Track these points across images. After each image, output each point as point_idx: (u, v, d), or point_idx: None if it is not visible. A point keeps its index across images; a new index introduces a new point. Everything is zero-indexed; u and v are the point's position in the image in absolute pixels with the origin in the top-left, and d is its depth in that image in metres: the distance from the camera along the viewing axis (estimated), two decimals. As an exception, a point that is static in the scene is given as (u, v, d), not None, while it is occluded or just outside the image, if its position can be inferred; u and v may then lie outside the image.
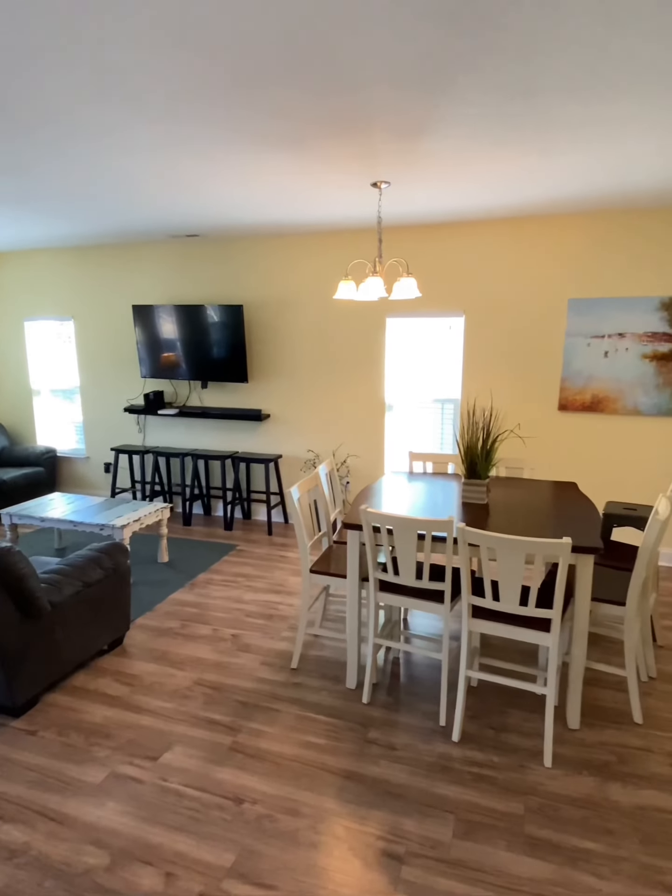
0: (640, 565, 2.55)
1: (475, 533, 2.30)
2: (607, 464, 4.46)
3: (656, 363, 4.21)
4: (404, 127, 2.41)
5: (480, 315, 4.57)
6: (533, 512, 2.89)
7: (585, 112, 2.23)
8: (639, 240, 4.12)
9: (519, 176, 3.13)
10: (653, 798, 2.22)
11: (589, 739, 2.54)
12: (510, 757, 2.44)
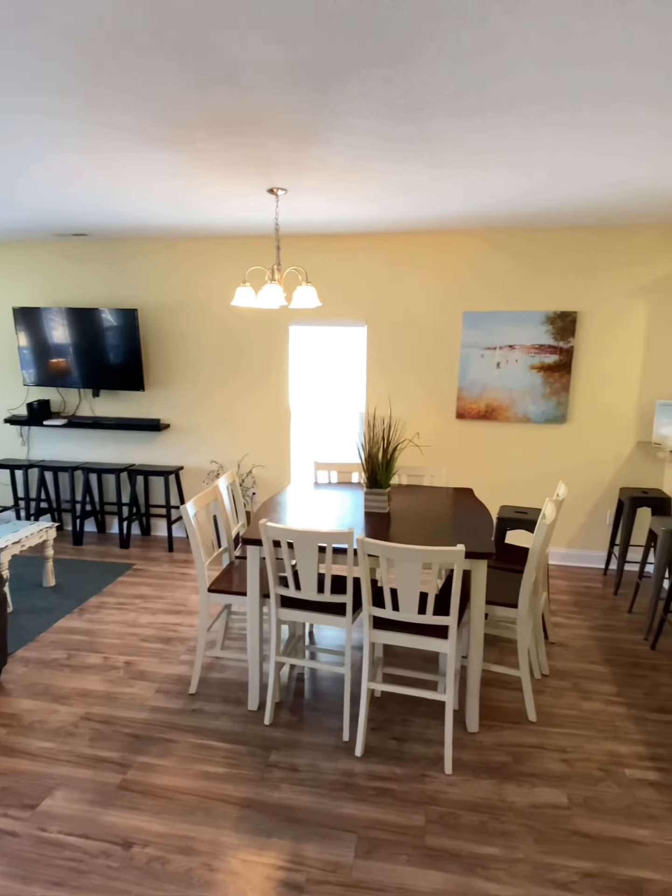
0: (530, 567, 2.65)
1: (373, 544, 2.28)
2: (501, 469, 4.66)
3: (543, 374, 4.46)
4: (296, 134, 2.37)
5: (382, 325, 4.63)
6: (431, 519, 2.94)
7: (469, 130, 2.30)
8: (526, 257, 4.36)
9: (412, 190, 3.20)
10: (546, 795, 2.29)
11: (487, 742, 2.59)
12: (412, 767, 2.43)
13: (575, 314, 4.32)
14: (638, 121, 2.22)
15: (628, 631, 3.61)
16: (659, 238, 4.18)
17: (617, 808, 2.22)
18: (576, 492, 4.62)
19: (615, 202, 3.46)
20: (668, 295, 4.24)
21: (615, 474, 4.54)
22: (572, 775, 2.39)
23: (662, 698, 2.91)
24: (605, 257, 4.27)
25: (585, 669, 3.16)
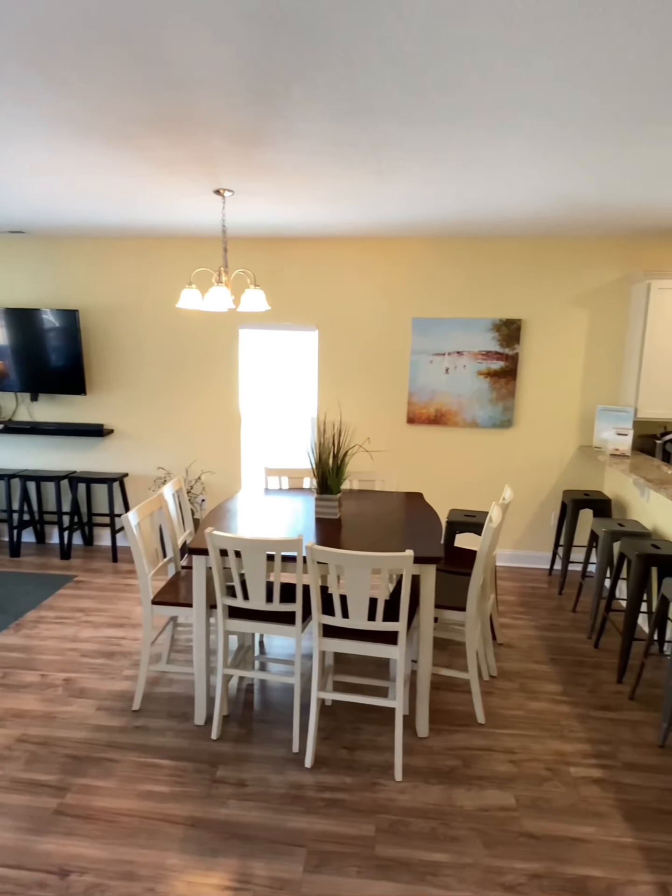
0: (478, 570, 2.68)
1: (322, 551, 2.25)
2: (451, 473, 4.73)
3: (490, 380, 4.54)
4: (241, 135, 2.33)
5: (333, 330, 4.63)
6: (382, 524, 2.93)
7: (416, 136, 2.31)
8: (472, 265, 4.44)
9: (360, 196, 3.20)
10: (494, 798, 2.31)
11: (437, 746, 2.60)
12: (362, 776, 2.41)
13: (519, 322, 4.43)
14: (575, 138, 2.28)
15: (573, 630, 3.71)
16: (599, 249, 4.34)
17: (562, 807, 2.26)
18: (522, 494, 4.73)
19: (557, 214, 3.57)
20: (607, 304, 4.40)
21: (559, 477, 4.67)
22: (520, 776, 2.42)
23: (605, 696, 3.00)
24: (547, 267, 4.39)
25: (532, 669, 3.22)
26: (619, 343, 4.45)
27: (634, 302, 4.28)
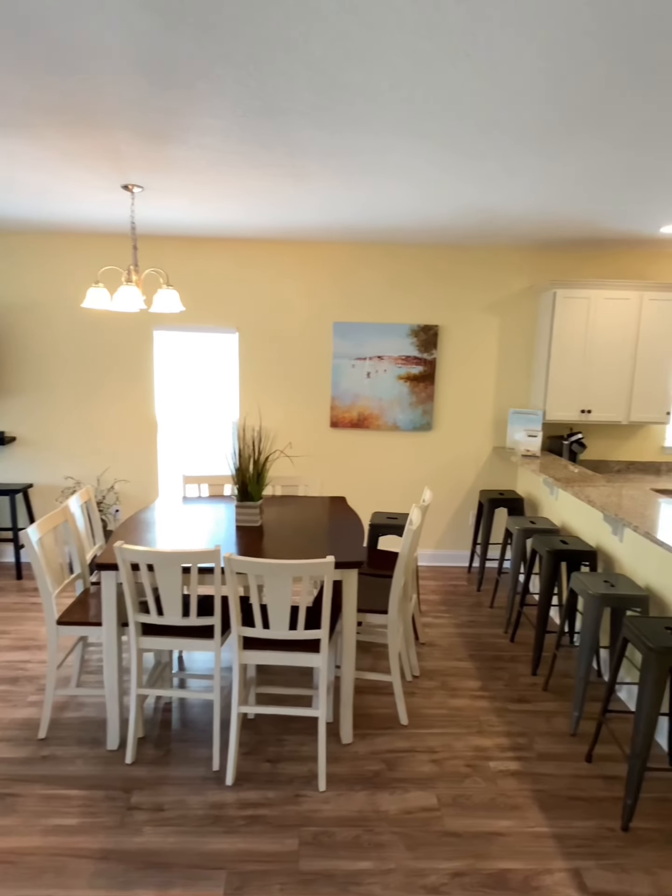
0: (399, 573, 2.70)
1: (241, 561, 2.19)
2: (373, 476, 4.77)
3: (410, 384, 4.63)
4: (148, 129, 2.22)
5: (254, 333, 4.55)
6: (304, 530, 2.90)
7: (328, 140, 2.30)
8: (391, 271, 4.51)
9: (278, 198, 3.16)
10: (417, 799, 2.32)
11: (361, 752, 2.59)
12: (285, 789, 2.36)
13: (436, 327, 4.54)
14: (482, 149, 2.35)
15: (491, 625, 3.83)
16: (509, 259, 4.52)
17: (482, 803, 2.31)
18: (442, 495, 4.84)
19: (469, 223, 3.68)
20: (517, 311, 4.59)
21: (476, 478, 4.83)
22: (441, 775, 2.45)
23: (521, 688, 3.11)
24: (462, 274, 4.53)
25: (453, 667, 3.29)
26: (529, 349, 4.66)
27: (542, 309, 4.50)
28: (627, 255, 4.55)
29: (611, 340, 4.30)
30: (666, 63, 1.66)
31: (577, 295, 4.23)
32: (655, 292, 4.24)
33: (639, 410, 4.39)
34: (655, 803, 2.31)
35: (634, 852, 2.08)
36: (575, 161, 2.49)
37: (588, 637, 2.68)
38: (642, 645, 2.17)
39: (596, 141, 2.26)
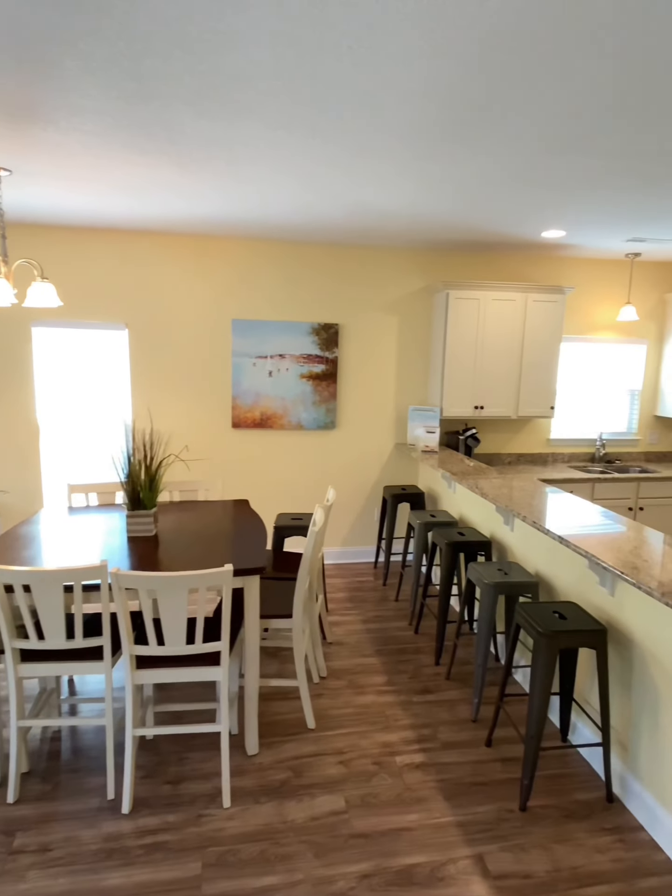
0: (303, 575, 2.66)
1: (130, 576, 2.05)
2: (278, 477, 4.70)
3: (313, 382, 4.60)
4: (11, 107, 2.01)
5: (146, 329, 4.32)
6: (203, 538, 2.78)
7: (213, 129, 2.20)
8: (291, 268, 4.45)
9: (166, 188, 3.00)
10: (325, 804, 2.29)
11: (267, 761, 2.52)
12: (187, 810, 2.25)
13: (337, 326, 4.54)
14: (372, 149, 2.35)
15: (396, 619, 3.89)
16: (405, 259, 4.61)
17: (389, 799, 2.32)
18: (347, 493, 4.87)
19: (364, 223, 3.70)
20: (414, 311, 4.70)
21: (380, 474, 4.89)
22: (349, 776, 2.44)
23: (425, 679, 3.17)
24: (361, 274, 4.56)
25: (360, 664, 3.30)
26: (426, 347, 4.78)
27: (436, 309, 4.63)
28: (513, 257, 4.79)
29: (500, 340, 4.51)
30: (532, 78, 1.72)
31: (467, 296, 4.39)
32: (538, 294, 4.49)
33: (526, 406, 4.64)
34: (550, 780, 2.44)
35: (532, 830, 2.18)
36: (458, 166, 2.55)
37: (485, 625, 2.78)
38: (533, 630, 2.27)
39: (476, 148, 2.32)
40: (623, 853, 2.08)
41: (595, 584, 2.52)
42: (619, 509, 4.59)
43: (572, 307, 4.94)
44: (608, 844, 2.11)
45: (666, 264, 5.02)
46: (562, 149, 2.35)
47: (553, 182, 2.78)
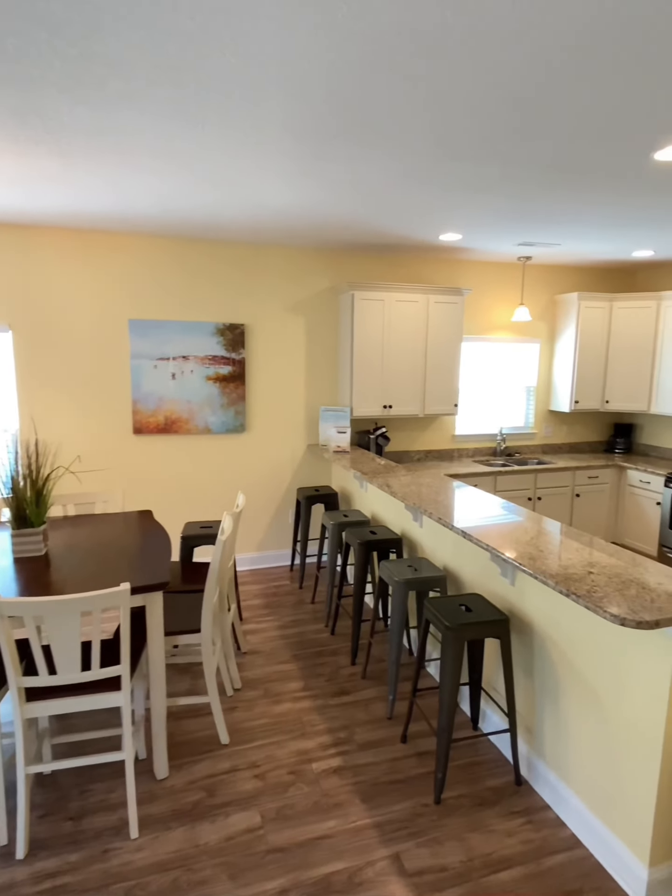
0: (210, 587, 2.56)
1: (12, 603, 1.87)
2: (185, 484, 4.54)
3: (220, 384, 4.47)
4: None
5: (33, 331, 4.02)
6: (100, 555, 2.61)
7: (92, 117, 2.06)
8: (193, 267, 4.30)
9: (50, 179, 2.79)
10: (239, 822, 2.22)
11: (179, 784, 2.41)
12: (91, 847, 2.10)
13: (243, 326, 4.45)
14: (267, 143, 2.30)
15: (312, 622, 3.87)
16: (311, 259, 4.59)
17: (306, 809, 2.28)
18: (261, 497, 4.78)
19: (268, 222, 3.63)
20: (321, 312, 4.69)
21: (293, 476, 4.85)
22: (265, 789, 2.38)
23: (342, 681, 3.17)
24: (267, 273, 4.49)
25: (276, 672, 3.24)
26: (334, 348, 4.79)
27: (342, 310, 4.65)
28: (415, 259, 4.90)
29: (405, 340, 4.60)
30: (426, 83, 1.74)
31: (372, 297, 4.44)
32: (439, 295, 4.62)
33: (432, 404, 4.77)
34: (463, 769, 2.50)
35: (447, 822, 2.22)
36: (356, 167, 2.55)
37: (397, 622, 2.81)
38: (440, 624, 2.31)
39: (372, 150, 2.33)
40: (532, 834, 2.16)
41: (497, 574, 2.61)
42: (520, 500, 4.82)
43: (471, 308, 5.13)
44: (517, 827, 2.19)
45: (554, 267, 5.33)
46: (457, 155, 2.40)
47: (449, 187, 2.85)
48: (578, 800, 2.15)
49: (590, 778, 2.09)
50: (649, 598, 1.74)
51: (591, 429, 5.71)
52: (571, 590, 1.81)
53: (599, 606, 1.69)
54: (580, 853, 2.07)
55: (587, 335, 5.13)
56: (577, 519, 5.05)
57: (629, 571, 1.99)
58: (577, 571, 1.98)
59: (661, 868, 1.87)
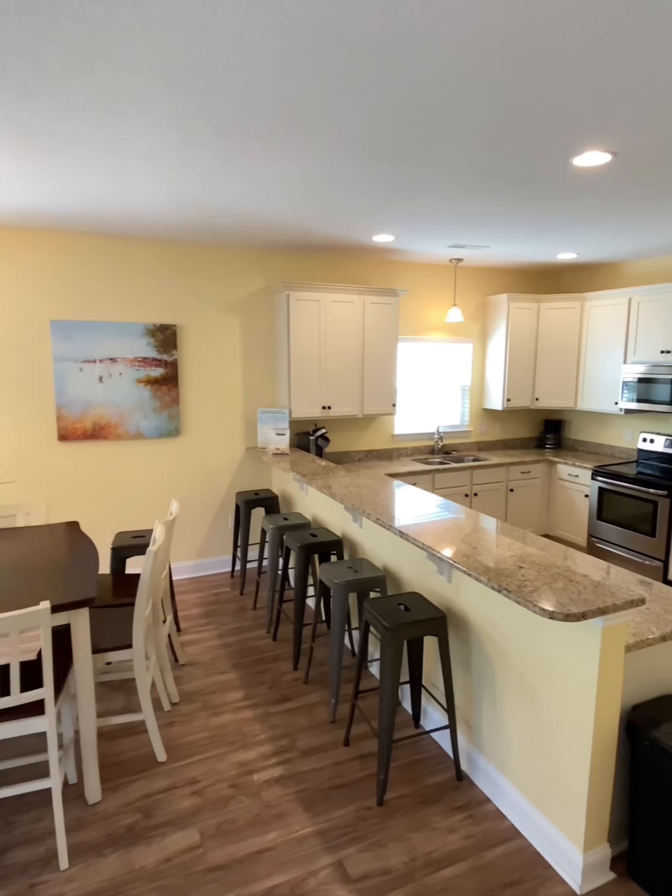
0: (141, 599, 2.45)
1: None
2: (116, 493, 4.36)
3: (151, 387, 4.33)
4: None
5: (-55, 336, 3.76)
6: (20, 571, 2.45)
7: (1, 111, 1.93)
8: (121, 265, 4.13)
9: (-48, 172, 2.61)
10: (177, 841, 2.14)
11: (112, 807, 2.30)
12: (16, 882, 1.96)
13: (174, 327, 4.32)
14: (190, 139, 2.22)
15: (254, 628, 3.79)
16: (244, 259, 4.51)
17: (247, 822, 2.22)
18: (199, 502, 4.66)
19: (194, 220, 3.53)
20: (256, 312, 4.62)
21: (232, 480, 4.75)
22: (204, 806, 2.30)
23: (284, 687, 3.11)
24: (198, 272, 4.38)
25: (216, 682, 3.16)
26: (271, 348, 4.73)
27: (278, 310, 4.60)
28: (350, 260, 4.91)
29: (342, 340, 4.59)
30: (351, 84, 1.72)
31: (308, 297, 4.41)
32: (374, 296, 4.65)
33: (370, 404, 4.79)
34: (405, 769, 2.50)
35: (389, 824, 2.21)
36: (284, 166, 2.51)
37: (338, 624, 2.79)
38: (379, 625, 2.30)
39: (299, 151, 2.30)
40: (473, 828, 2.18)
41: (435, 572, 2.63)
42: (457, 496, 4.91)
43: (407, 309, 5.19)
44: (459, 823, 2.21)
45: (485, 269, 5.47)
46: (384, 157, 2.40)
47: (378, 188, 2.85)
48: (517, 791, 2.19)
49: (526, 769, 2.13)
50: (576, 591, 1.79)
51: (523, 425, 5.90)
52: (503, 585, 1.84)
53: (529, 601, 1.72)
54: (519, 843, 2.11)
55: (517, 335, 5.29)
56: (511, 513, 5.20)
57: (558, 565, 2.04)
58: (508, 567, 2.02)
59: (595, 852, 1.92)
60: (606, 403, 4.98)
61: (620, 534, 4.57)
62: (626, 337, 4.75)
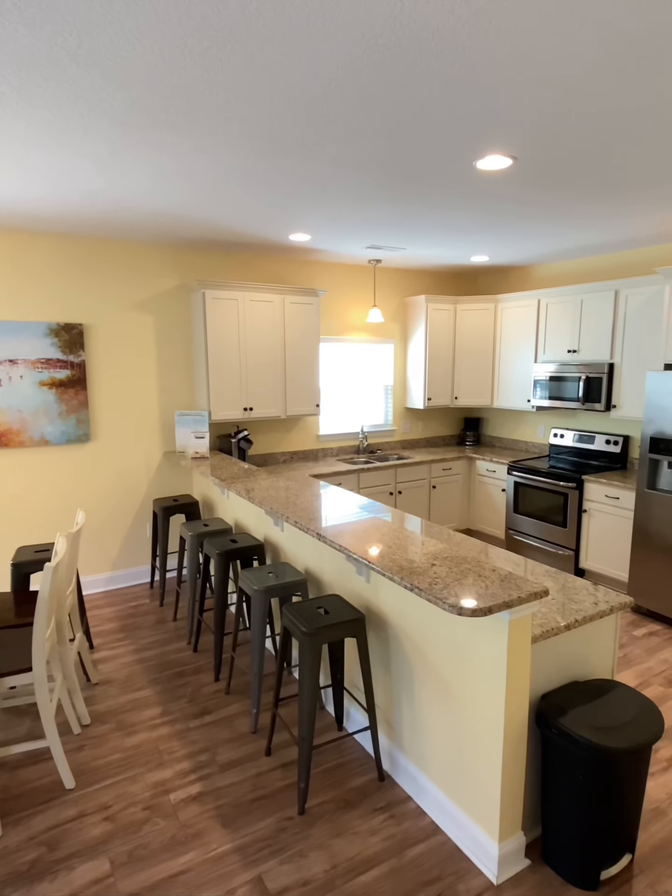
0: (41, 618, 2.28)
1: None
2: (19, 504, 4.08)
3: (56, 390, 4.08)
4: None
5: None
6: None
7: None
8: (19, 261, 3.87)
9: None
10: (85, 873, 2.00)
11: (13, 843, 2.12)
12: None
13: (81, 326, 4.09)
14: (83, 128, 2.09)
15: (175, 640, 3.65)
16: (155, 255, 4.34)
17: (162, 845, 2.11)
18: (113, 512, 4.44)
19: (102, 214, 3.36)
20: (170, 310, 4.46)
21: (148, 487, 4.56)
22: (115, 832, 2.17)
23: (204, 700, 3.01)
24: (106, 269, 4.17)
25: (130, 700, 3.00)
26: (188, 349, 4.58)
27: (194, 309, 4.46)
28: (268, 259, 4.84)
29: (262, 341, 4.52)
30: (247, 78, 1.67)
31: (225, 296, 4.31)
32: (294, 296, 4.60)
33: (294, 405, 4.74)
34: (327, 774, 2.46)
35: (311, 832, 2.16)
36: (182, 159, 2.42)
37: (258, 631, 2.72)
38: (298, 631, 2.26)
39: (196, 143, 2.21)
40: (394, 828, 2.18)
41: (354, 573, 2.61)
42: (382, 495, 4.95)
43: (328, 310, 5.17)
44: (380, 824, 2.20)
45: (403, 271, 5.55)
46: (287, 153, 2.36)
47: (285, 186, 2.80)
48: (436, 787, 2.20)
49: (445, 764, 2.15)
50: (484, 586, 1.82)
51: (444, 424, 6.03)
52: (414, 583, 1.84)
53: (439, 598, 1.72)
54: (439, 839, 2.13)
55: (435, 336, 5.40)
56: (434, 510, 5.30)
57: (469, 560, 2.07)
58: (420, 564, 2.03)
59: (509, 842, 1.96)
60: (520, 401, 5.18)
61: (535, 525, 4.75)
62: (537, 337, 4.95)
